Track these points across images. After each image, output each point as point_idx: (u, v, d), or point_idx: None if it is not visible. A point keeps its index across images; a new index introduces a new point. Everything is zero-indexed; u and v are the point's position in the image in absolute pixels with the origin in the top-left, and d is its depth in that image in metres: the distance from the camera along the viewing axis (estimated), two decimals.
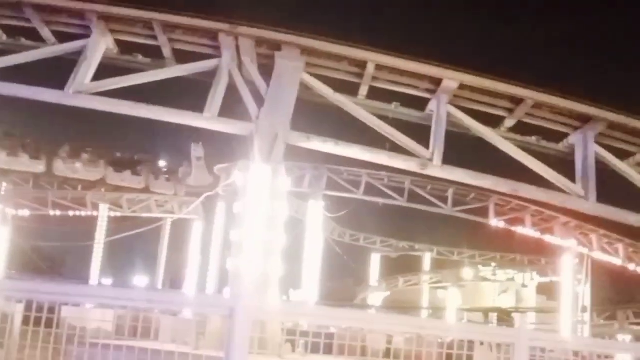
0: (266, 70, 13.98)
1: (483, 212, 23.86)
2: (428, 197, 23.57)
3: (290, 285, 27.62)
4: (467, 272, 31.66)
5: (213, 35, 14.03)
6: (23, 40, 15.16)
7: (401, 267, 34.26)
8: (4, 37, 15.18)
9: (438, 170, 13.81)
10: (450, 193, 23.48)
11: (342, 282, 34.63)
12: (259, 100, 13.65)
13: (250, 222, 12.51)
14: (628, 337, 23.41)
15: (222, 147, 16.71)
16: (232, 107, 13.97)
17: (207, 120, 13.66)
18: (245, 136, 13.56)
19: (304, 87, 14.11)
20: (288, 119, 13.49)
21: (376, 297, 33.24)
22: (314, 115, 15.21)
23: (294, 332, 12.52)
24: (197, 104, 13.79)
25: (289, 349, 11.52)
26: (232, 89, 14.00)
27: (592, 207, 13.55)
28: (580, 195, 13.48)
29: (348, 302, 30.28)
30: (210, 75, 14.14)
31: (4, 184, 23.32)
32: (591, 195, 13.43)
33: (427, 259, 33.90)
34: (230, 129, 13.80)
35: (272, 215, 12.80)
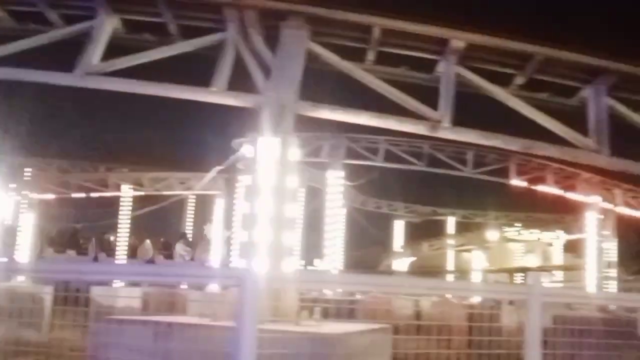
0: (272, 41, 13.87)
1: (504, 172, 23.78)
2: (447, 160, 23.55)
3: (315, 256, 27.80)
4: (491, 234, 31.62)
5: (217, 8, 13.95)
6: (31, 25, 15.21)
7: (425, 232, 34.39)
8: (14, 23, 15.25)
9: (448, 132, 13.66)
10: (470, 155, 23.42)
11: (368, 251, 34.83)
12: (266, 72, 13.59)
13: (261, 194, 12.55)
14: None
15: (239, 121, 16.73)
16: (240, 80, 13.94)
17: (215, 94, 13.64)
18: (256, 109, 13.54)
19: (312, 56, 14.00)
20: (295, 89, 13.40)
21: (401, 263, 33.37)
22: (324, 84, 15.12)
23: (315, 300, 12.63)
24: (204, 79, 13.79)
25: (306, 316, 11.63)
26: (239, 63, 13.96)
27: (606, 160, 13.36)
28: (593, 149, 13.27)
29: (373, 270, 30.47)
30: (216, 50, 14.11)
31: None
32: (604, 148, 13.22)
33: (450, 222, 33.89)
34: (238, 101, 13.78)
35: (284, 186, 12.80)
